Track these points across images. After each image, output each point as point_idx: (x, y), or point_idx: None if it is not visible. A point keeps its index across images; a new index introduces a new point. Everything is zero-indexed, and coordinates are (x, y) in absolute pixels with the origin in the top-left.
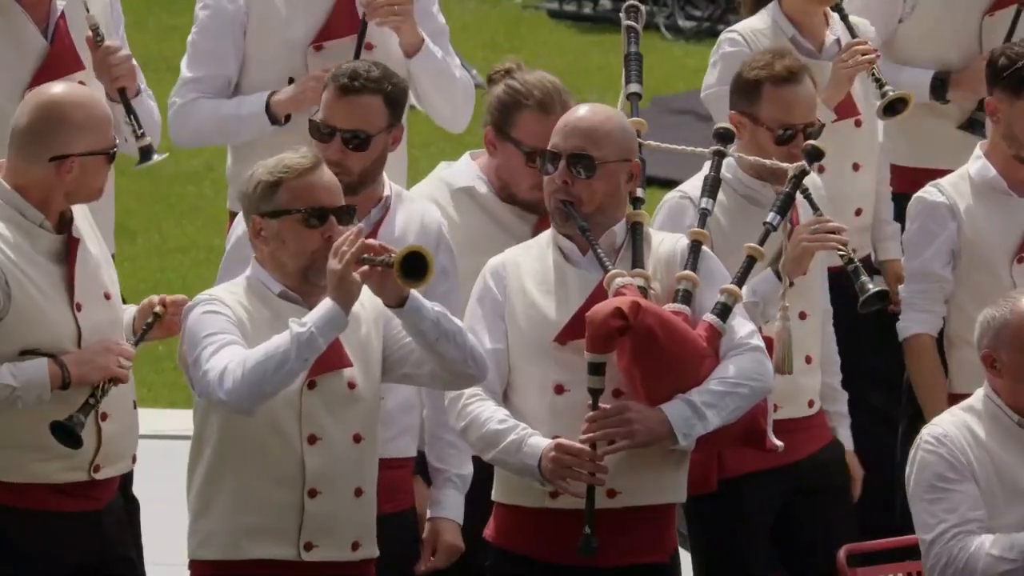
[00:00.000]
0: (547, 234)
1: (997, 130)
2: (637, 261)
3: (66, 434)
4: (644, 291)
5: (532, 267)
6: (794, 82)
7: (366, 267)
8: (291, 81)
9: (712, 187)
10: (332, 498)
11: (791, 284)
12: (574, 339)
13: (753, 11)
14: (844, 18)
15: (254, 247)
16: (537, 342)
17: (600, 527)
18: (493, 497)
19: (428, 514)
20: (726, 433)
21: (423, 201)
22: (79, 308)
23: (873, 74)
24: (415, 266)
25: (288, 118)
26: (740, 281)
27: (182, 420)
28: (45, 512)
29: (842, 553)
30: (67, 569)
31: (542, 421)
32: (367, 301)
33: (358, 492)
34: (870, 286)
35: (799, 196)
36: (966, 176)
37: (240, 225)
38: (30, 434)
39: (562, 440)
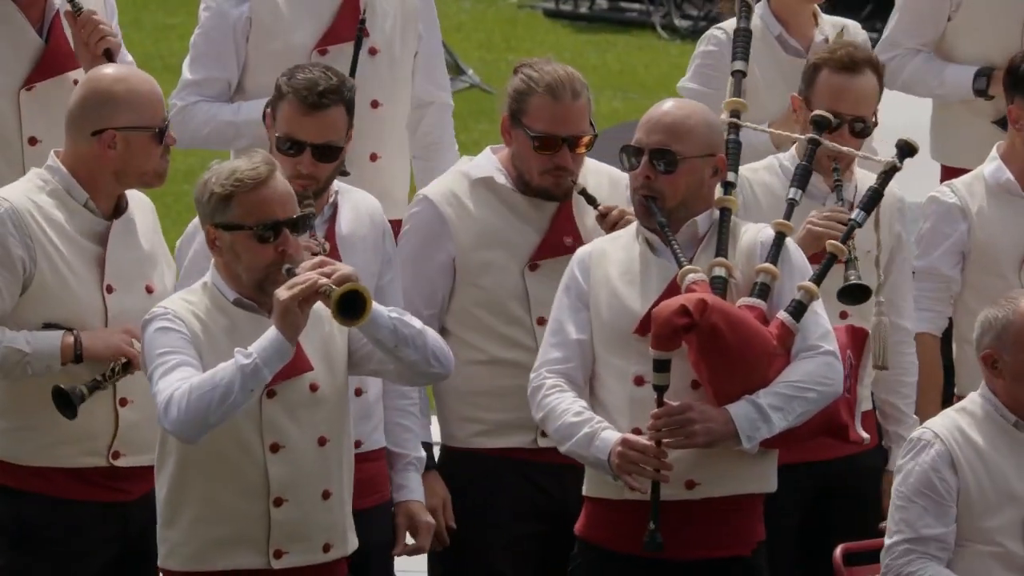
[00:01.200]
0: (636, 224)
1: (1019, 135)
2: (721, 250)
3: (63, 400)
4: (724, 281)
5: (618, 257)
6: (851, 72)
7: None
8: None
9: (802, 177)
10: (299, 504)
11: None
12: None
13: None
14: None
15: (210, 252)
16: (619, 333)
17: (678, 519)
18: (584, 492)
19: (394, 499)
20: (802, 428)
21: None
22: (109, 290)
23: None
24: (352, 305)
25: None
26: (819, 279)
27: None
28: (66, 500)
29: (838, 552)
30: (93, 560)
31: (622, 412)
32: None
33: (326, 495)
34: (852, 278)
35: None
36: (981, 177)
37: (196, 239)
38: (45, 416)
39: (629, 435)
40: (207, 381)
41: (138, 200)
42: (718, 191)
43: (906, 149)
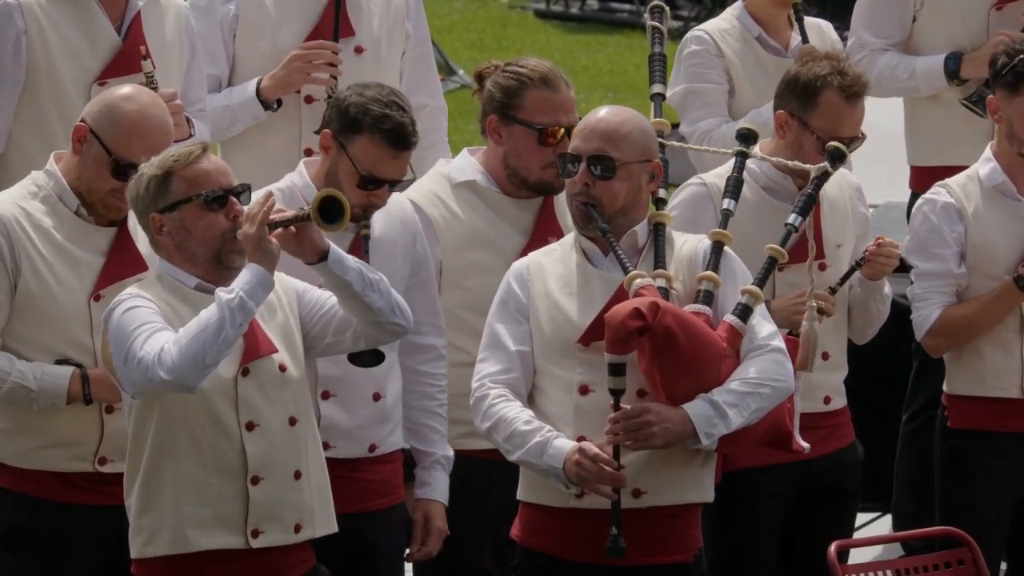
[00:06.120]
0: (570, 237)
1: (1001, 130)
2: (659, 262)
3: None
4: (666, 292)
5: (555, 269)
6: (856, 98)
7: (280, 230)
8: None
9: (735, 188)
10: (273, 483)
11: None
12: (597, 340)
13: None
14: (800, 20)
15: (156, 246)
16: (561, 343)
17: (625, 526)
18: (519, 496)
19: (416, 495)
20: (751, 434)
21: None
22: (97, 299)
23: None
24: (332, 210)
25: (280, 103)
26: (761, 282)
27: None
28: (54, 502)
29: (833, 549)
30: (86, 563)
31: (567, 422)
32: (279, 288)
33: (297, 475)
34: None
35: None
36: (975, 177)
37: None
38: (31, 419)
39: (584, 444)
40: (194, 325)
41: None
42: (651, 207)
43: (835, 154)
